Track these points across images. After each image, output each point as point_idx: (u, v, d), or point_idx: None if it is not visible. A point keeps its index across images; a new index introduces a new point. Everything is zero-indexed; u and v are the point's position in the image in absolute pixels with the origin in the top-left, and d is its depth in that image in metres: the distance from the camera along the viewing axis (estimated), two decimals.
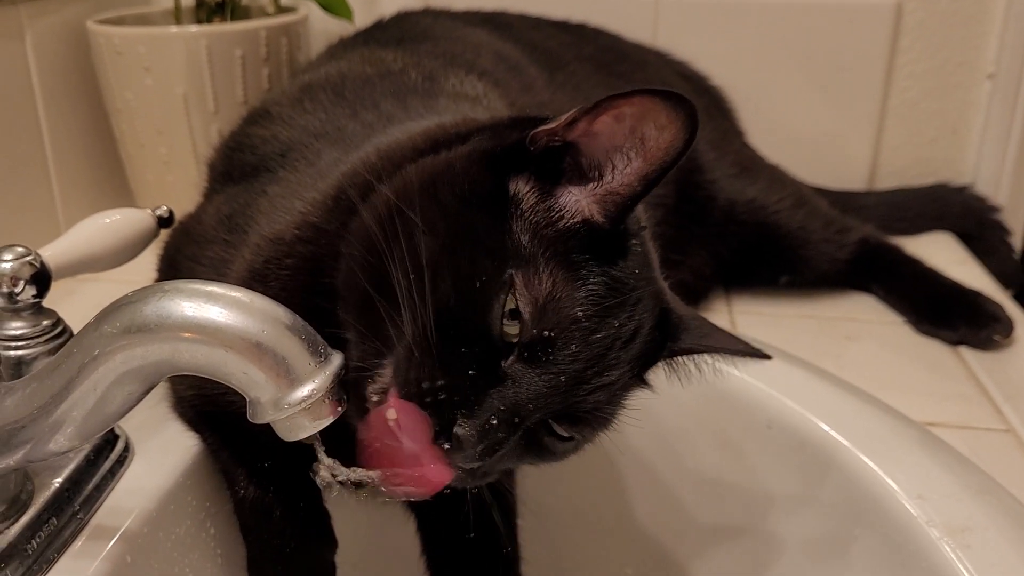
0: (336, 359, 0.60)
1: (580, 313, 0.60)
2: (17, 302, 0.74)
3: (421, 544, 0.94)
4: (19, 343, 0.74)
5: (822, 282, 1.24)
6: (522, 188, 0.64)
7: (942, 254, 1.32)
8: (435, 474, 0.60)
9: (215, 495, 0.84)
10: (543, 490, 0.96)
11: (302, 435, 0.60)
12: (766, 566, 0.90)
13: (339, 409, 0.60)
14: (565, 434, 0.64)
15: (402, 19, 1.26)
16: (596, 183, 0.63)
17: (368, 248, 0.63)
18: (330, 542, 0.82)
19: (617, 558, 1.06)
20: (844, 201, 1.39)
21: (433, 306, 0.59)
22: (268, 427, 0.61)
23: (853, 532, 0.82)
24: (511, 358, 0.60)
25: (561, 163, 0.64)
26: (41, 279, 0.75)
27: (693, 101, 0.58)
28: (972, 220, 1.44)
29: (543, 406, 0.60)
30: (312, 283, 0.69)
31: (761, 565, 0.91)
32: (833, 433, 0.86)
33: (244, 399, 0.74)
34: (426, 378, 0.58)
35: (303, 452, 0.66)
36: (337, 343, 0.62)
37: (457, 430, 0.58)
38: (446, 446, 0.58)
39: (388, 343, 0.61)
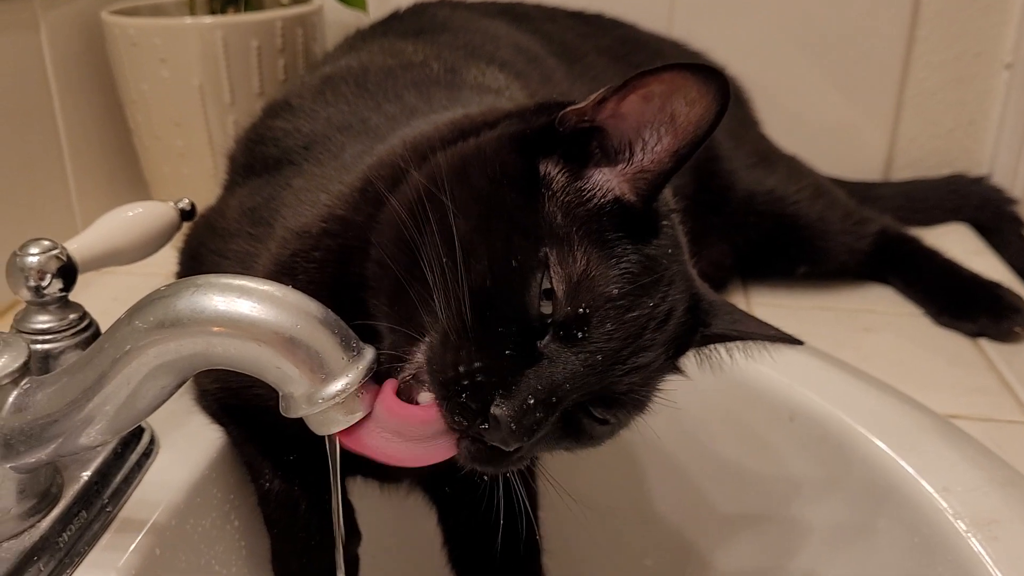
0: (369, 353, 0.60)
1: (615, 291, 0.60)
2: (44, 296, 0.74)
3: (443, 536, 0.94)
4: (47, 337, 0.74)
5: (840, 273, 1.24)
6: (552, 170, 0.63)
7: (959, 245, 1.32)
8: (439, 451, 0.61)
9: (239, 488, 0.84)
10: (563, 481, 0.96)
11: (335, 429, 0.60)
12: (789, 557, 0.90)
13: (373, 402, 0.60)
14: (602, 417, 0.64)
15: (419, 10, 1.25)
16: (626, 163, 0.63)
17: (398, 235, 0.63)
18: (354, 535, 0.82)
19: (637, 549, 1.06)
20: (860, 192, 1.39)
21: (468, 287, 0.59)
22: (294, 421, 0.61)
23: (877, 524, 0.82)
24: (547, 338, 0.60)
25: (588, 146, 0.63)
26: (67, 273, 0.75)
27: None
28: (989, 212, 1.44)
29: (580, 386, 0.59)
30: (340, 275, 0.69)
31: (784, 556, 0.91)
32: (856, 425, 0.86)
33: (270, 393, 0.75)
34: (463, 361, 0.58)
35: (326, 445, 0.66)
36: (366, 334, 0.62)
37: (495, 410, 0.57)
38: (484, 427, 0.58)
39: (421, 330, 0.61)
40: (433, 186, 0.62)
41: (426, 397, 0.60)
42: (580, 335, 0.59)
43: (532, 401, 0.57)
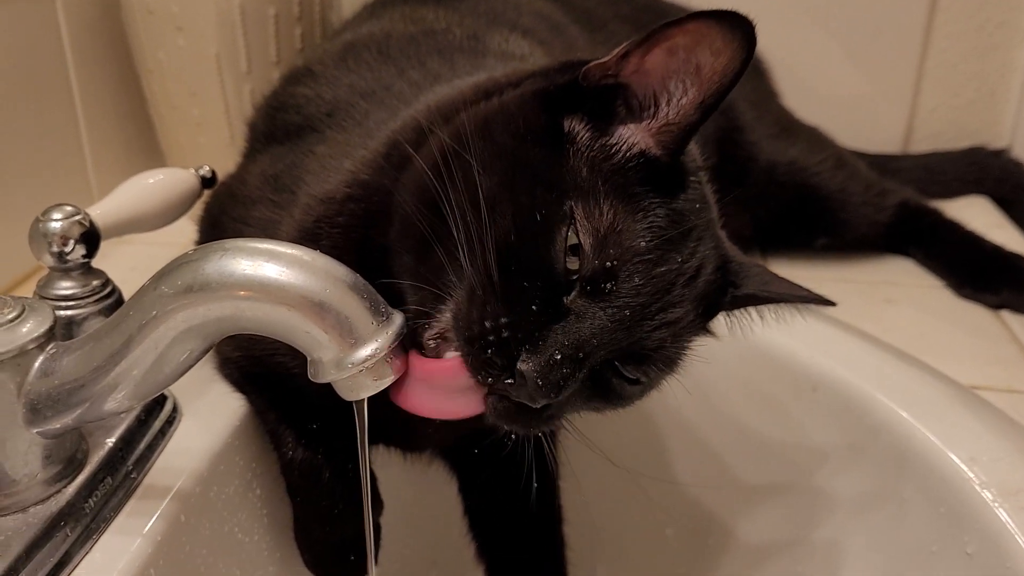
0: (398, 318, 0.60)
1: (642, 244, 0.59)
2: (67, 262, 0.74)
3: (463, 505, 0.95)
4: (70, 303, 0.74)
5: (860, 245, 1.23)
6: (576, 126, 0.63)
7: (979, 218, 1.31)
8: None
9: (261, 456, 0.84)
10: (583, 451, 0.96)
11: (364, 394, 0.59)
12: (812, 528, 0.90)
13: (401, 368, 0.60)
14: (632, 375, 0.63)
15: None
16: (651, 118, 0.62)
17: (423, 194, 0.62)
18: (377, 504, 0.82)
19: (658, 519, 1.06)
20: (879, 164, 1.37)
21: (494, 242, 0.58)
22: (317, 389, 0.61)
23: (903, 494, 0.81)
24: (574, 293, 0.59)
25: (614, 104, 0.63)
26: (90, 238, 0.75)
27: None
28: (1009, 184, 1.42)
29: (608, 341, 0.59)
30: (364, 240, 0.69)
31: (807, 527, 0.91)
32: (880, 396, 0.86)
33: (293, 360, 0.75)
34: (489, 316, 0.57)
35: (351, 414, 0.65)
36: (390, 298, 0.61)
37: (521, 366, 0.57)
38: (509, 382, 0.57)
39: (447, 288, 0.60)
40: (457, 144, 0.62)
41: (452, 355, 0.60)
42: (607, 289, 0.58)
43: (559, 356, 0.57)
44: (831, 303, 0.72)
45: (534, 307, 0.58)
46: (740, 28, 0.56)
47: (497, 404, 0.60)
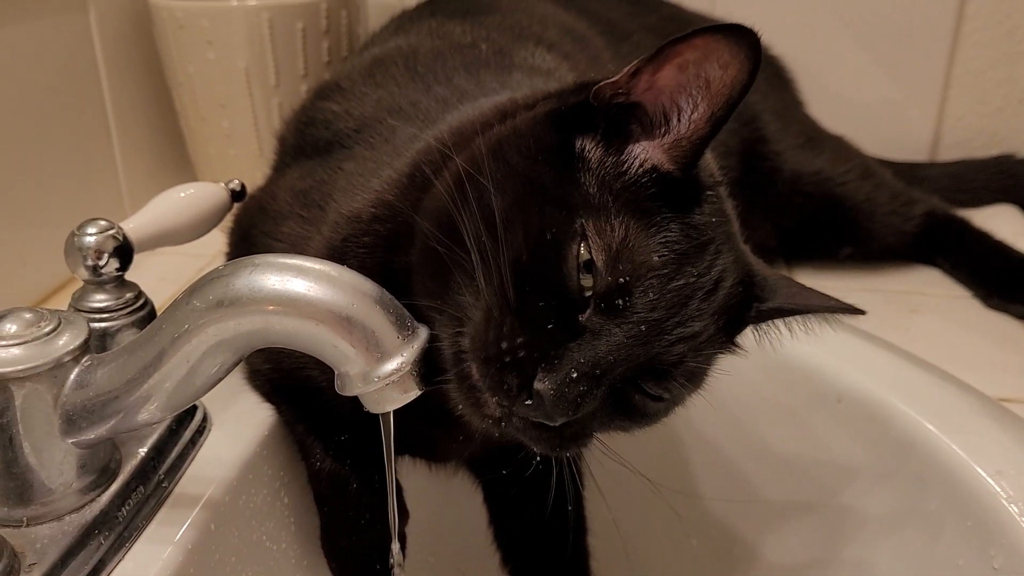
0: (423, 333, 0.61)
1: (656, 259, 0.60)
2: (101, 275, 0.76)
3: (488, 515, 0.95)
4: (104, 315, 0.75)
5: (886, 254, 1.23)
6: (588, 145, 0.63)
7: (1007, 227, 1.29)
8: None
9: (288, 466, 0.85)
10: (607, 462, 0.96)
11: (390, 407, 0.60)
12: (837, 540, 0.90)
13: (427, 381, 0.61)
14: (654, 392, 0.63)
15: None
16: (663, 135, 0.62)
17: (441, 217, 0.63)
18: (403, 513, 0.83)
19: (682, 530, 1.06)
20: (906, 172, 1.37)
21: (508, 262, 0.59)
22: (345, 401, 0.62)
23: (929, 508, 0.81)
24: (588, 311, 0.59)
25: (627, 123, 0.63)
26: (124, 252, 0.76)
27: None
28: None
29: (625, 358, 0.59)
30: (388, 261, 0.70)
31: (832, 541, 0.90)
32: (906, 408, 0.85)
33: (321, 374, 0.76)
34: (505, 337, 0.58)
35: (378, 426, 0.66)
36: (418, 318, 0.62)
37: (537, 385, 0.57)
38: (527, 403, 0.58)
39: (465, 310, 0.61)
40: (472, 167, 0.63)
41: None
42: (621, 305, 0.59)
43: (575, 374, 0.57)
44: (860, 311, 0.72)
45: (549, 326, 0.58)
46: (746, 40, 0.57)
47: (519, 426, 0.61)
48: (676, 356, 0.61)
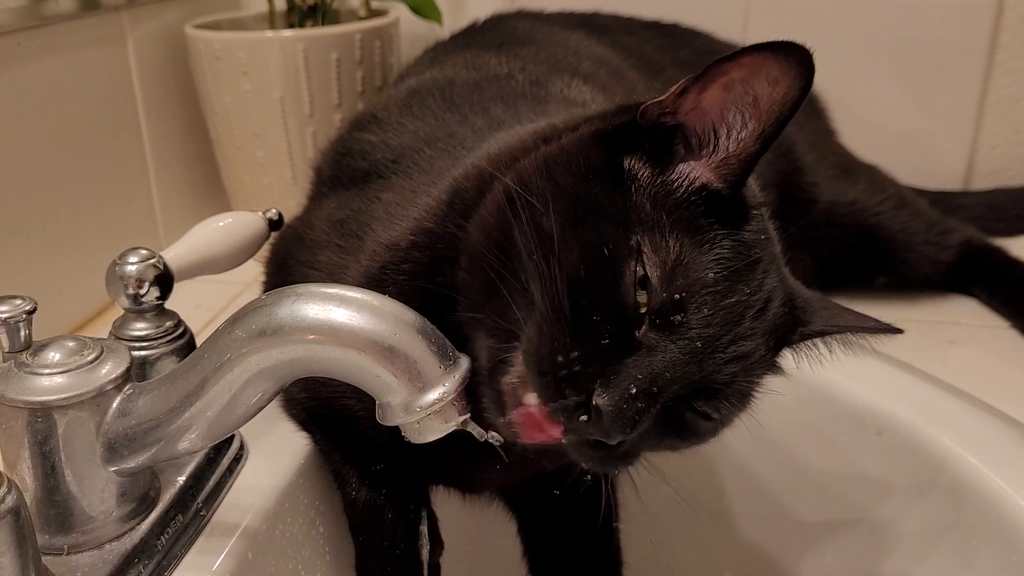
0: (464, 362, 0.61)
1: (710, 276, 0.59)
2: (142, 303, 0.76)
3: (523, 546, 0.94)
4: (144, 343, 0.76)
5: (922, 284, 1.22)
6: (636, 164, 0.63)
7: None
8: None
9: (324, 494, 0.85)
10: (642, 494, 0.95)
11: (432, 437, 0.60)
12: (876, 568, 0.89)
13: (468, 411, 0.60)
14: (705, 411, 0.62)
15: (499, 22, 1.26)
16: (711, 154, 0.62)
17: (490, 237, 0.63)
18: (437, 544, 0.83)
19: (717, 563, 1.05)
20: (940, 201, 1.35)
21: (563, 278, 0.58)
22: (382, 431, 0.62)
23: (972, 542, 0.80)
24: (644, 327, 0.59)
25: (672, 143, 0.63)
26: (164, 281, 0.77)
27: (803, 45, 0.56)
28: None
29: (681, 375, 0.58)
30: (429, 288, 0.69)
31: (870, 568, 0.89)
32: (947, 440, 0.84)
33: (358, 403, 0.76)
34: (560, 351, 0.57)
35: (415, 457, 0.66)
36: (456, 344, 0.62)
37: (597, 400, 0.56)
38: (584, 419, 0.57)
39: (518, 327, 0.60)
40: (521, 187, 0.63)
41: (532, 398, 0.60)
42: (677, 321, 0.58)
43: (634, 391, 0.56)
44: (898, 330, 0.72)
45: (605, 341, 0.58)
46: (795, 56, 0.57)
47: (574, 442, 0.60)
48: (728, 375, 0.61)
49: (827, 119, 1.41)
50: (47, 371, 0.62)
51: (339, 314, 0.58)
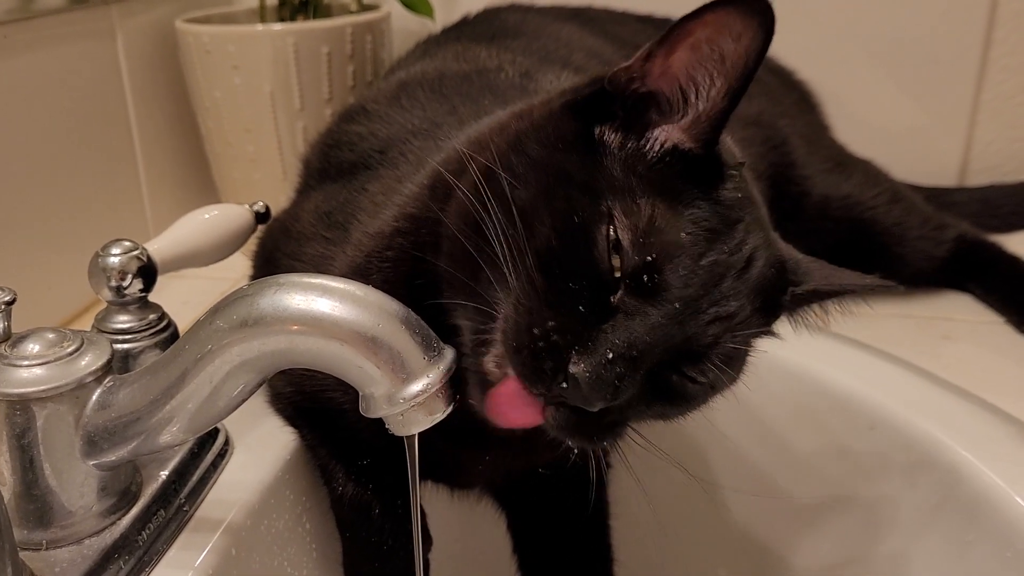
0: (449, 354, 0.60)
1: (684, 236, 0.59)
2: (125, 296, 0.75)
3: (512, 542, 0.94)
4: (127, 336, 0.75)
5: (917, 280, 1.21)
6: (608, 133, 0.63)
7: None
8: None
9: (311, 491, 0.84)
10: (634, 490, 0.95)
11: (416, 429, 0.59)
12: (872, 571, 0.88)
13: (453, 403, 0.59)
14: (691, 375, 0.61)
15: (490, 15, 1.25)
16: (682, 115, 0.62)
17: (466, 217, 0.63)
18: (426, 539, 0.82)
19: (709, 559, 1.04)
20: (935, 197, 1.35)
21: (533, 250, 0.58)
22: (367, 425, 0.61)
23: (967, 538, 0.79)
24: (620, 293, 0.58)
25: (646, 112, 0.63)
26: (147, 273, 0.76)
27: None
28: None
29: (661, 338, 0.58)
30: (413, 273, 0.69)
31: (866, 570, 0.88)
32: (941, 435, 0.83)
33: (344, 396, 0.75)
34: (535, 323, 0.57)
35: (401, 451, 0.65)
36: (443, 330, 0.61)
37: (572, 368, 0.55)
38: (563, 386, 0.56)
39: (496, 305, 0.60)
40: (493, 164, 0.62)
41: (512, 380, 0.59)
42: (652, 284, 0.58)
43: (611, 355, 0.56)
44: (895, 285, 0.71)
45: (580, 308, 0.57)
46: (756, 6, 0.56)
47: (557, 415, 0.59)
48: (712, 337, 0.60)
49: (821, 114, 1.41)
50: (26, 363, 0.61)
51: (322, 304, 0.57)
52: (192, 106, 1.35)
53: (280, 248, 0.87)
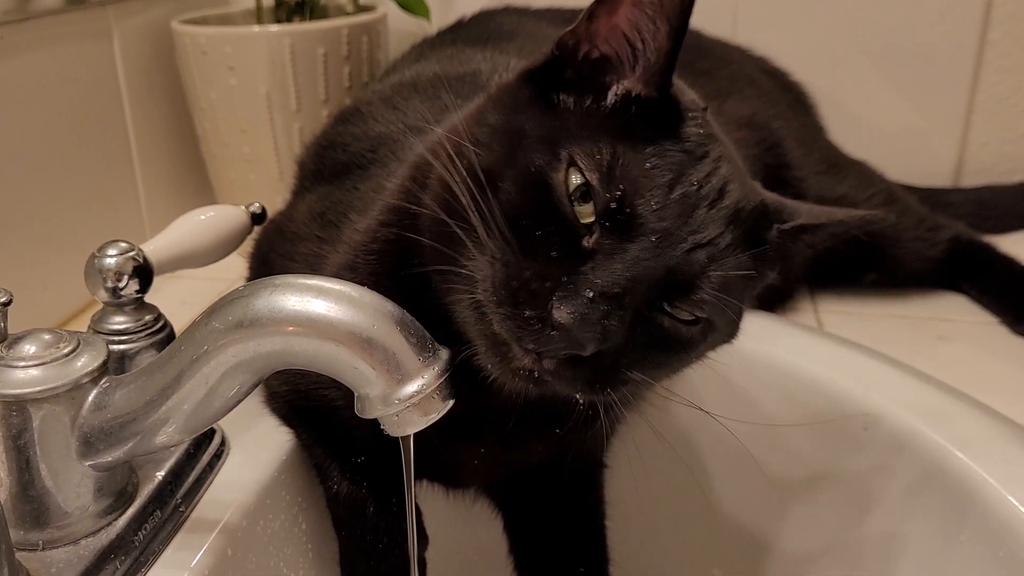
0: (444, 355, 0.60)
1: (652, 171, 0.60)
2: (121, 297, 0.75)
3: (509, 543, 0.94)
4: (123, 337, 0.75)
5: (911, 281, 1.21)
6: (564, 97, 0.64)
7: None
8: None
9: (307, 491, 0.84)
10: (629, 490, 0.95)
11: (411, 430, 0.59)
12: (859, 568, 0.88)
13: (448, 403, 0.60)
14: (686, 314, 0.61)
15: (486, 18, 1.26)
16: (633, 67, 0.63)
17: (441, 195, 0.64)
18: (422, 538, 0.82)
19: (704, 558, 1.05)
20: (930, 198, 1.35)
21: (499, 207, 0.59)
22: (362, 422, 0.61)
23: (960, 538, 0.79)
24: (596, 234, 0.59)
25: (602, 77, 0.64)
26: (143, 274, 0.76)
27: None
28: None
29: (642, 272, 0.58)
30: (399, 265, 0.69)
31: (860, 570, 0.88)
32: (935, 436, 0.84)
33: (338, 393, 0.76)
34: (513, 275, 0.57)
35: (395, 449, 0.65)
36: (437, 320, 0.62)
37: (556, 314, 0.56)
38: (552, 334, 0.56)
39: (476, 272, 0.61)
40: (459, 137, 0.64)
41: None
42: (625, 219, 0.58)
43: (591, 294, 0.56)
44: (886, 217, 0.73)
45: (553, 255, 0.58)
46: None
47: (551, 368, 0.59)
48: (699, 265, 0.60)
49: (816, 115, 1.41)
50: (22, 364, 0.62)
51: (317, 305, 0.57)
52: (188, 107, 1.35)
53: (275, 249, 0.87)
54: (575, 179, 0.59)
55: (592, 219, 0.59)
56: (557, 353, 0.57)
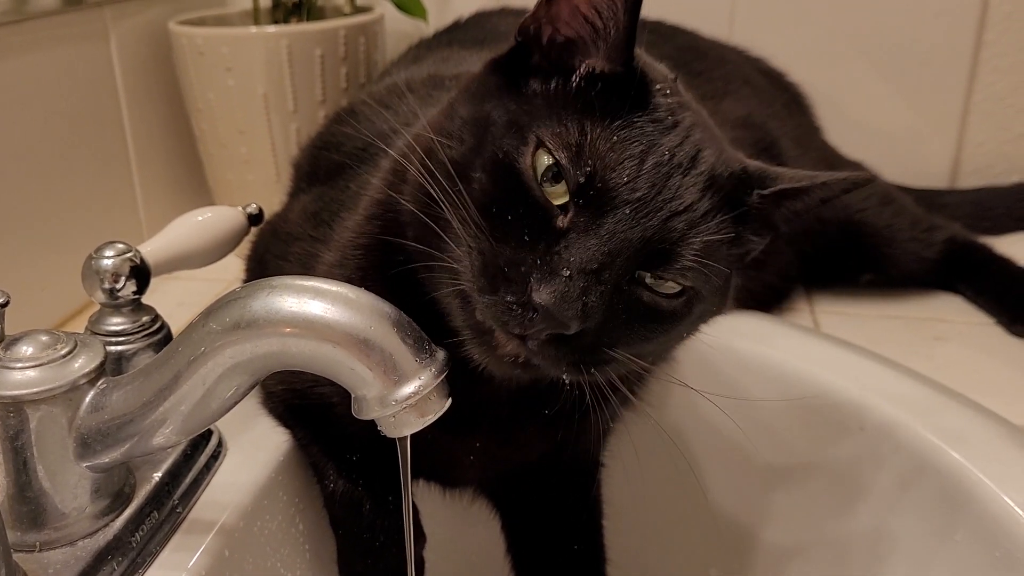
0: (441, 355, 0.60)
1: (617, 139, 0.60)
2: (118, 298, 0.75)
3: (506, 542, 0.94)
4: (120, 338, 0.75)
5: (907, 281, 1.21)
6: (533, 83, 0.65)
7: None
8: None
9: (304, 491, 0.84)
10: (625, 490, 0.95)
11: (407, 431, 0.60)
12: (860, 568, 0.88)
13: (446, 404, 0.60)
14: (669, 284, 0.61)
15: (482, 19, 1.26)
16: (596, 45, 0.63)
17: (417, 191, 0.65)
18: (419, 537, 0.82)
19: (701, 558, 1.05)
20: (926, 199, 1.35)
21: (469, 197, 0.60)
22: (358, 420, 0.61)
23: (955, 537, 0.79)
24: (569, 214, 0.59)
25: (569, 60, 0.64)
26: (140, 275, 0.76)
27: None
28: None
29: (619, 245, 0.58)
30: (386, 260, 0.70)
31: (855, 569, 0.89)
32: (931, 436, 0.84)
33: (334, 391, 0.76)
34: (489, 262, 0.58)
35: (391, 447, 0.66)
36: (426, 322, 0.62)
37: (535, 297, 0.56)
38: (533, 316, 0.57)
39: (457, 264, 0.61)
40: (432, 134, 0.65)
41: None
42: (596, 194, 0.59)
43: (567, 273, 0.57)
44: (870, 179, 0.72)
45: (526, 238, 0.58)
46: None
47: (536, 350, 0.59)
48: (677, 232, 0.60)
49: (812, 116, 1.41)
50: (19, 365, 0.62)
51: (314, 307, 0.57)
52: (186, 108, 1.35)
53: (270, 249, 0.88)
54: (545, 160, 0.60)
55: (566, 199, 0.59)
56: (540, 335, 0.58)
